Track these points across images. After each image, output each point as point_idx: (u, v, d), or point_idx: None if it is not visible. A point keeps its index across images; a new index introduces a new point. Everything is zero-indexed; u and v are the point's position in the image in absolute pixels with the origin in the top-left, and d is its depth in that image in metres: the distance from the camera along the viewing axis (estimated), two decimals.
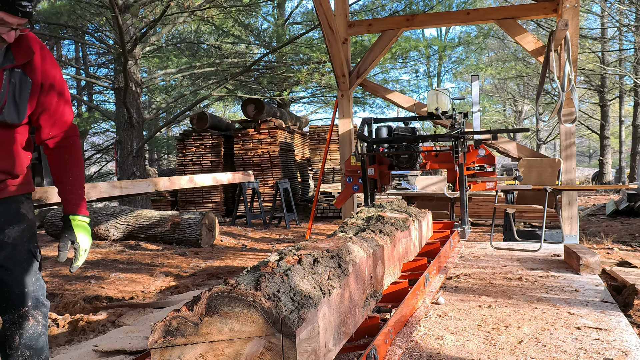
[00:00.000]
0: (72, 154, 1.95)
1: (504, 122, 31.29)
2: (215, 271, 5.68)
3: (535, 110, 6.72)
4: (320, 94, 18.73)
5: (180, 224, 7.51)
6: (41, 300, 1.89)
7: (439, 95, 5.70)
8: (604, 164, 19.82)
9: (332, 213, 11.82)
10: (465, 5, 18.14)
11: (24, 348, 1.83)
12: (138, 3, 10.39)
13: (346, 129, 7.17)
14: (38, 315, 1.87)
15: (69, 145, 1.95)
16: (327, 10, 6.37)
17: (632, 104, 19.86)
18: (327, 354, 1.69)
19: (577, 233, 6.19)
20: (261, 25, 17.87)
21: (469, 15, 7.06)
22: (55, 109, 1.89)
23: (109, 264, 6.10)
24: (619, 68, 18.14)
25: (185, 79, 16.24)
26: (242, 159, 12.18)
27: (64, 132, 1.94)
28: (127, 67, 9.45)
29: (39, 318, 1.87)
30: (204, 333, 1.40)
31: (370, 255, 2.37)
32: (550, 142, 29.93)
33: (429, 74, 26.43)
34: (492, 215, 5.81)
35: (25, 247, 1.85)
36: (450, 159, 5.60)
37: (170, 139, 24.64)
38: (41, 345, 1.88)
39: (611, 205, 10.43)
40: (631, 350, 2.41)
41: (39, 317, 1.87)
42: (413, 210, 4.01)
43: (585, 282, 3.80)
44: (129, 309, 3.96)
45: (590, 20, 22.48)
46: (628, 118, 23.66)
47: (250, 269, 1.75)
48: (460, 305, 3.24)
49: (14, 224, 1.84)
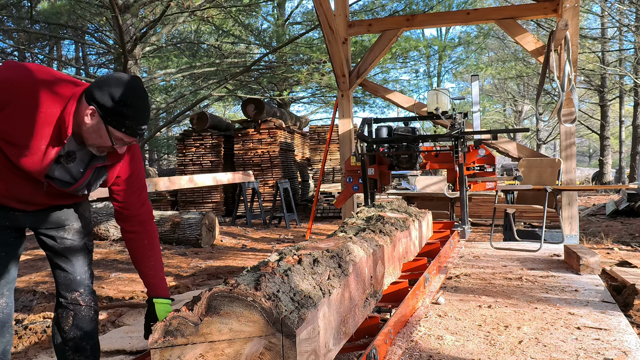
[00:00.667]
0: (150, 239, 2.10)
1: (504, 122, 31.29)
2: (215, 271, 5.68)
3: (535, 110, 6.72)
4: (320, 94, 18.74)
5: (180, 224, 7.51)
6: (91, 288, 2.16)
7: (439, 95, 5.70)
8: (604, 164, 19.82)
9: (332, 213, 11.82)
10: (465, 5, 18.14)
11: (75, 329, 2.09)
12: (138, 3, 10.39)
13: (346, 129, 7.17)
14: (90, 301, 2.13)
15: (146, 231, 2.10)
16: (327, 10, 6.37)
17: (632, 104, 19.86)
18: (327, 354, 1.69)
19: (577, 233, 6.19)
20: (261, 25, 17.88)
21: (469, 15, 7.06)
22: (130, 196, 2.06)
23: (109, 264, 6.11)
24: (619, 68, 18.14)
25: (185, 79, 16.25)
26: (242, 159, 12.17)
27: (140, 217, 2.08)
28: (127, 67, 9.45)
29: (91, 303, 2.13)
30: (204, 333, 1.40)
31: (370, 255, 2.37)
32: (550, 142, 29.93)
33: (429, 74, 26.44)
34: (492, 215, 5.81)
35: (82, 241, 2.13)
36: (450, 159, 5.60)
37: (170, 139, 24.67)
38: (91, 329, 2.13)
39: (611, 205, 10.43)
40: (631, 350, 2.41)
41: (90, 302, 2.13)
42: (413, 210, 4.01)
43: (585, 282, 3.80)
44: (129, 309, 3.96)
45: (590, 20, 22.50)
46: (628, 118, 23.67)
47: (250, 269, 1.75)
48: (460, 305, 3.24)
49: (75, 222, 2.11)
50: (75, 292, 2.10)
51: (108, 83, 1.77)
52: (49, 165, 1.82)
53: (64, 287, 2.10)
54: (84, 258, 2.13)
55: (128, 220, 2.07)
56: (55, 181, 1.88)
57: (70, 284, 2.10)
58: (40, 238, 2.09)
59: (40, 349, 3.14)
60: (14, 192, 1.89)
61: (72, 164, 1.89)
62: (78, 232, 2.13)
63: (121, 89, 1.75)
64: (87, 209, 2.19)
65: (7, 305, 2.02)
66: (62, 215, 2.08)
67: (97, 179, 1.96)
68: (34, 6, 13.03)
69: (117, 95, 1.73)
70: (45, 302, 4.30)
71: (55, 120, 1.76)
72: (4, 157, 1.79)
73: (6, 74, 1.73)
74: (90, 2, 11.18)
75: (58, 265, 2.11)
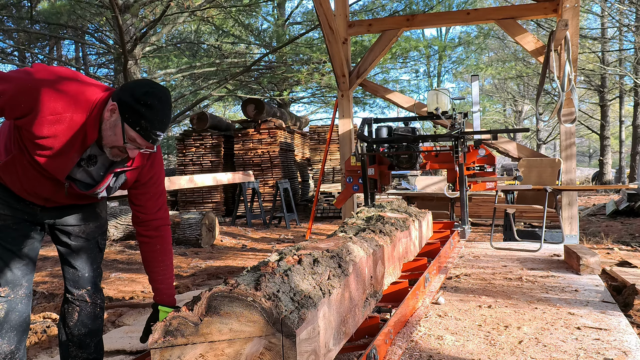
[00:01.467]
0: (164, 244, 2.12)
1: (504, 122, 31.29)
2: (215, 271, 5.68)
3: (535, 110, 6.72)
4: (320, 94, 18.74)
5: (180, 224, 7.51)
6: (99, 286, 2.20)
7: (439, 95, 5.70)
8: (604, 164, 19.82)
9: (332, 213, 11.82)
10: (465, 5, 18.14)
11: (80, 325, 2.13)
12: (138, 3, 10.40)
13: (346, 129, 7.17)
14: (97, 299, 2.17)
15: (160, 236, 2.11)
16: (327, 10, 6.37)
17: (632, 104, 19.86)
18: (327, 354, 1.69)
19: (577, 233, 6.19)
20: (261, 25, 17.88)
21: (469, 15, 7.06)
22: (147, 200, 2.08)
23: (109, 264, 6.11)
24: (619, 68, 18.14)
25: (185, 79, 16.26)
26: (242, 159, 12.17)
27: (156, 221, 2.10)
28: (127, 67, 9.45)
29: (97, 301, 2.17)
30: (204, 333, 1.40)
31: (370, 255, 2.37)
32: (550, 142, 29.93)
33: (429, 74, 26.43)
34: (492, 215, 5.81)
35: (96, 240, 2.19)
36: (450, 159, 5.60)
37: (170, 139, 24.68)
38: (96, 327, 2.17)
39: (611, 205, 10.43)
40: (631, 350, 2.41)
41: (97, 300, 2.17)
42: (413, 210, 4.01)
43: (585, 282, 3.80)
44: (129, 309, 3.96)
45: (590, 20, 22.50)
46: (628, 118, 23.67)
47: (250, 269, 1.75)
48: (460, 305, 3.24)
49: (91, 221, 2.16)
50: (83, 289, 2.14)
51: (136, 84, 1.81)
52: (71, 168, 1.87)
53: (72, 283, 2.14)
54: (95, 257, 2.18)
55: (143, 224, 2.09)
56: (77, 183, 1.93)
57: (79, 281, 2.14)
58: (55, 233, 2.14)
59: (40, 349, 3.14)
60: (36, 189, 1.94)
61: (93, 168, 1.94)
62: (93, 231, 2.17)
63: (145, 89, 1.77)
64: (103, 209, 2.24)
65: (27, 295, 2.06)
66: (79, 214, 2.13)
67: (116, 182, 1.99)
68: (34, 6, 13.04)
69: (139, 94, 1.75)
70: (45, 302, 4.30)
71: (80, 125, 1.78)
72: (29, 156, 1.82)
73: (33, 78, 1.74)
74: (90, 2, 11.18)
75: (68, 262, 2.15)
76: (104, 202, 2.23)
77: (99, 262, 2.22)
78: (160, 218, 2.10)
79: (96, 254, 2.19)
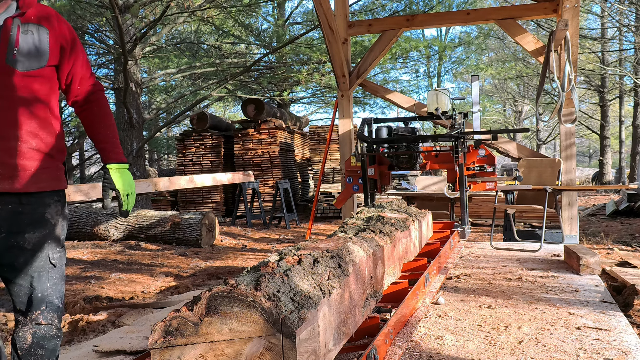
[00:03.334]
0: (101, 107, 2.02)
1: (504, 122, 31.30)
2: (215, 271, 5.68)
3: (535, 110, 6.72)
4: (320, 94, 18.73)
5: (180, 224, 7.51)
6: (56, 304, 1.87)
7: (439, 96, 5.70)
8: (604, 164, 19.82)
9: (332, 213, 11.82)
10: (465, 6, 18.14)
11: (36, 347, 1.81)
12: (138, 3, 10.40)
13: (346, 129, 7.17)
14: (53, 319, 1.85)
15: (97, 99, 2.02)
16: (327, 10, 6.37)
17: (632, 104, 19.86)
18: (327, 354, 1.69)
19: (577, 233, 6.19)
20: (261, 26, 17.88)
21: (469, 16, 7.06)
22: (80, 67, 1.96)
23: (109, 264, 6.10)
24: (619, 68, 18.14)
25: (185, 79, 16.25)
26: (242, 159, 12.18)
27: (91, 87, 2.01)
28: (127, 67, 9.45)
29: (54, 321, 1.86)
30: (204, 333, 1.40)
31: (370, 255, 2.37)
32: (550, 142, 29.93)
33: (429, 74, 26.44)
34: (492, 215, 5.81)
35: (44, 253, 1.81)
36: (450, 159, 5.60)
37: (170, 139, 24.68)
38: (53, 348, 1.86)
39: (611, 205, 10.43)
40: (631, 350, 2.41)
41: (53, 320, 1.86)
42: (413, 211, 4.01)
43: (585, 282, 3.80)
44: (129, 309, 3.96)
45: (590, 20, 22.50)
46: (628, 118, 23.66)
47: (250, 269, 1.75)
48: (460, 305, 3.24)
49: (36, 229, 1.79)
50: (36, 311, 1.82)
51: None
52: None
53: (23, 305, 1.82)
54: (47, 273, 1.82)
55: (82, 100, 2.00)
56: None
57: (31, 302, 1.82)
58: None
59: None
60: None
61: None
62: (39, 242, 1.80)
63: None
64: (56, 212, 1.86)
65: None
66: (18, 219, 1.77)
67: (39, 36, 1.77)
68: None
69: None
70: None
71: None
72: None
73: None
74: (90, 2, 11.17)
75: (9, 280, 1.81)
76: (57, 202, 1.87)
77: (55, 277, 1.85)
78: (94, 84, 2.02)
79: (48, 269, 1.82)
